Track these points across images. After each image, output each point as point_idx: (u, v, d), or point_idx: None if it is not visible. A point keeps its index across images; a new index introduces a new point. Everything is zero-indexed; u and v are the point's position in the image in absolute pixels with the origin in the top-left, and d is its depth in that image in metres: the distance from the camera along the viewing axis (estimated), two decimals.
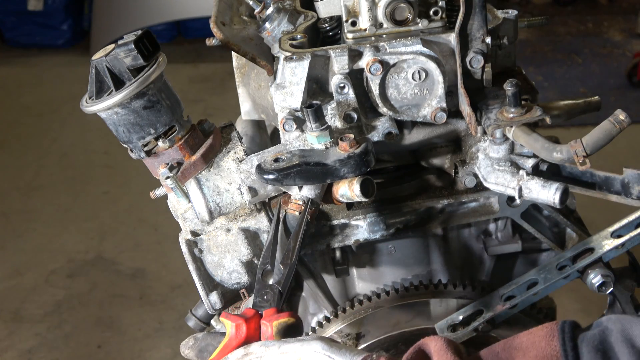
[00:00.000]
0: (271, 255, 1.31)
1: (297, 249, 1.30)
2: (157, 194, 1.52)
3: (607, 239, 1.48)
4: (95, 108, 1.34)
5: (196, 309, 1.62)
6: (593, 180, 1.51)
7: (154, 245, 4.40)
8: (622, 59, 6.54)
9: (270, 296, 1.27)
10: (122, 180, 5.05)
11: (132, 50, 1.32)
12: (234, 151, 1.47)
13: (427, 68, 1.41)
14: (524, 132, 1.36)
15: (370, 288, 1.71)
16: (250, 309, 1.27)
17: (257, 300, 1.28)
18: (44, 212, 4.86)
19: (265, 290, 1.28)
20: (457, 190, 1.59)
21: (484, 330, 1.45)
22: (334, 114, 1.45)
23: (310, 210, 1.35)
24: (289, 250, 1.30)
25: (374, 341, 1.54)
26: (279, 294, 1.27)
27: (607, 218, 1.51)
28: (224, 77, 6.46)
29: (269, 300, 1.26)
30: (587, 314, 3.42)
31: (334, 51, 1.42)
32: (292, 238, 1.32)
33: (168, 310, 3.88)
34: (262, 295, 1.27)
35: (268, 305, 1.26)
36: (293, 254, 1.29)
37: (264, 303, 1.27)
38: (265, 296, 1.27)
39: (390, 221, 1.58)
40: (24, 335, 3.78)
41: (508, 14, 1.56)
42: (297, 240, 1.31)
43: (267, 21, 1.57)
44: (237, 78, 1.76)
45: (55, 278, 4.22)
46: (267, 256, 1.31)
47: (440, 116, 1.45)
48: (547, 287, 1.46)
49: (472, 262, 1.76)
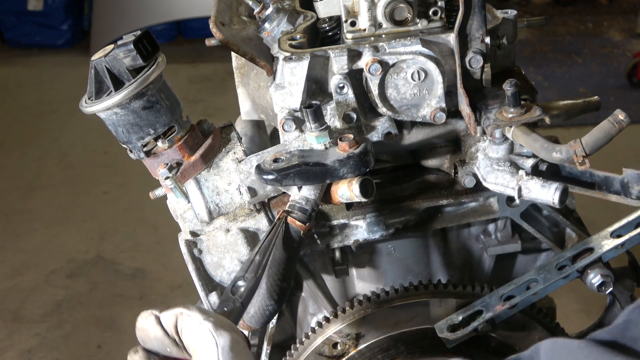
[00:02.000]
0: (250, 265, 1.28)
1: (264, 263, 1.27)
2: (156, 195, 1.52)
3: (606, 238, 1.48)
4: (95, 108, 1.34)
5: None
6: (592, 180, 1.51)
7: (154, 245, 4.40)
8: (622, 59, 6.55)
9: (230, 308, 1.24)
10: (122, 180, 5.05)
11: (132, 51, 1.32)
12: (234, 151, 1.47)
13: (427, 68, 1.41)
14: (524, 132, 1.36)
15: (370, 288, 1.70)
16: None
17: (219, 311, 1.25)
18: (44, 212, 4.86)
19: (228, 302, 1.25)
20: (456, 190, 1.59)
21: (483, 330, 1.45)
22: (333, 114, 1.45)
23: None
24: (255, 263, 1.27)
25: (374, 341, 1.54)
26: (240, 308, 1.24)
27: (607, 218, 1.51)
28: (224, 77, 6.47)
29: (229, 312, 1.24)
30: (587, 314, 3.42)
31: (333, 51, 1.42)
32: (260, 251, 1.29)
33: None
34: (223, 307, 1.25)
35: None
36: (259, 268, 1.27)
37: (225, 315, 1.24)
38: (226, 308, 1.24)
39: (389, 221, 1.58)
40: (24, 335, 3.78)
41: (507, 14, 1.56)
42: (265, 255, 1.28)
43: (266, 21, 1.57)
44: (237, 78, 1.76)
45: (55, 278, 4.22)
46: (244, 268, 1.28)
47: (440, 116, 1.45)
48: (546, 287, 1.46)
49: (472, 262, 1.76)
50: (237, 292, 1.26)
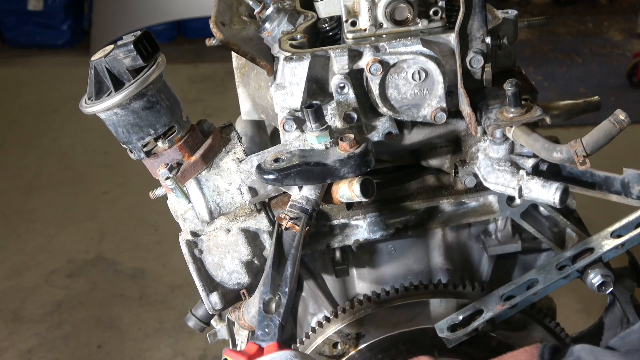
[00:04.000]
0: (272, 282, 1.29)
1: (295, 274, 1.28)
2: (156, 194, 1.52)
3: (607, 239, 1.48)
4: (95, 109, 1.34)
5: (196, 309, 1.62)
6: (593, 180, 1.51)
7: (154, 245, 4.40)
8: (622, 59, 6.54)
9: (272, 329, 1.25)
10: (122, 180, 5.05)
11: (132, 51, 1.32)
12: (234, 151, 1.47)
13: (427, 68, 1.41)
14: (524, 132, 1.36)
15: (370, 288, 1.70)
16: (253, 344, 1.26)
17: (259, 334, 1.26)
18: (44, 212, 4.86)
19: (266, 322, 1.26)
20: (457, 190, 1.59)
21: (483, 330, 1.45)
22: (334, 114, 1.45)
23: (305, 230, 1.33)
24: (286, 277, 1.28)
25: (374, 341, 1.54)
26: (280, 326, 1.25)
27: (607, 218, 1.51)
28: (224, 77, 6.47)
29: (270, 333, 1.25)
30: (587, 314, 3.42)
31: (334, 51, 1.42)
32: (290, 264, 1.29)
33: (168, 310, 3.88)
34: (264, 327, 1.26)
35: (269, 339, 1.25)
36: (291, 281, 1.27)
37: (265, 336, 1.25)
38: (266, 329, 1.25)
39: (390, 221, 1.58)
40: (24, 335, 3.78)
41: (508, 14, 1.56)
42: (294, 266, 1.29)
43: (266, 21, 1.57)
44: (237, 78, 1.76)
45: (55, 278, 4.22)
46: (267, 284, 1.29)
47: (440, 116, 1.45)
48: (546, 287, 1.46)
49: (472, 262, 1.76)
50: (270, 310, 1.27)
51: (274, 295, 1.28)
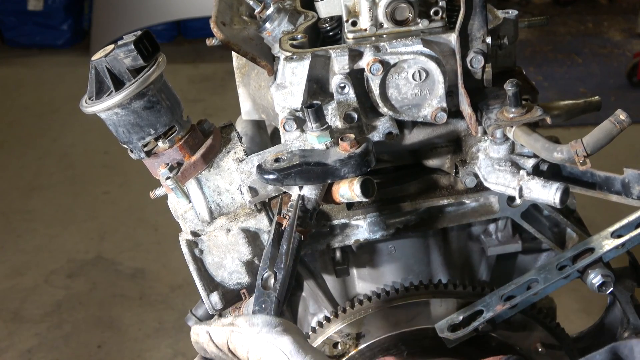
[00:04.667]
0: (270, 260, 1.28)
1: (291, 251, 1.27)
2: (156, 194, 1.52)
3: (607, 239, 1.48)
4: (95, 109, 1.34)
5: (196, 308, 1.62)
6: (593, 180, 1.51)
7: (154, 245, 4.40)
8: (622, 59, 6.55)
9: (268, 304, 1.24)
10: (122, 180, 5.05)
11: (132, 51, 1.32)
12: (234, 151, 1.47)
13: (428, 68, 1.41)
14: (525, 132, 1.36)
15: (370, 288, 1.70)
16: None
17: (255, 309, 1.25)
18: (44, 212, 4.86)
19: (263, 297, 1.25)
20: (457, 190, 1.59)
21: (484, 330, 1.45)
22: (334, 114, 1.45)
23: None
24: (281, 254, 1.27)
25: (374, 341, 1.54)
26: (277, 302, 1.24)
27: (607, 218, 1.51)
28: (224, 77, 6.47)
29: (266, 308, 1.24)
30: (587, 314, 3.42)
31: (335, 51, 1.42)
32: (285, 240, 1.29)
33: (168, 310, 3.88)
34: (261, 303, 1.25)
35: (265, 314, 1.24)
36: (287, 257, 1.27)
37: (262, 312, 1.24)
38: (263, 304, 1.24)
39: (390, 221, 1.58)
40: (24, 335, 3.78)
41: (508, 14, 1.56)
42: (290, 243, 1.28)
43: (267, 21, 1.57)
44: (237, 78, 1.76)
45: (55, 278, 4.22)
46: (267, 261, 1.28)
47: (441, 116, 1.45)
48: (547, 287, 1.46)
49: (472, 262, 1.76)
50: (267, 286, 1.25)
51: (272, 272, 1.27)
